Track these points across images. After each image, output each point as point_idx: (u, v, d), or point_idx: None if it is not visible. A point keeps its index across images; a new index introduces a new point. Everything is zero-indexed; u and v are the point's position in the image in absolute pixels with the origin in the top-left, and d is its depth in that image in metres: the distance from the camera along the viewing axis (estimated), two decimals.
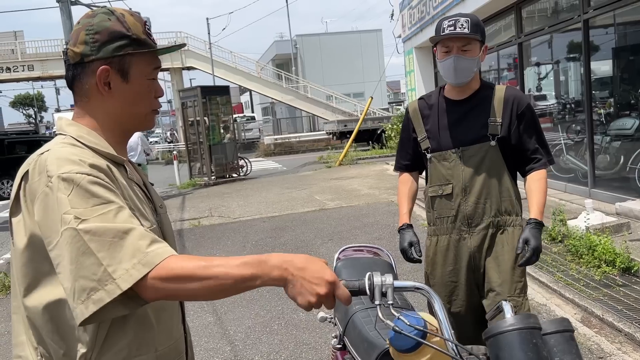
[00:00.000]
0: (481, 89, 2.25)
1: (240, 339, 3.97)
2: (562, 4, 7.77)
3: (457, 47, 2.13)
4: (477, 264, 2.22)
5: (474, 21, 2.13)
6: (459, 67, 2.13)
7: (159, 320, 1.22)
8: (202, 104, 13.53)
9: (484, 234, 2.20)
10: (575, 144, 7.79)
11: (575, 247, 4.80)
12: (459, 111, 2.24)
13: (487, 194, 2.18)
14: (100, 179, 1.10)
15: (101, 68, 1.20)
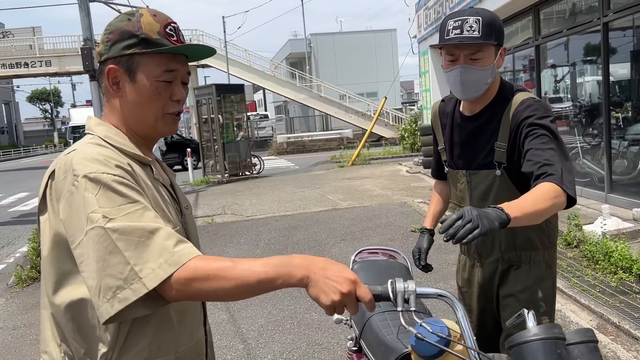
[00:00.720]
0: (496, 101, 1.82)
1: (253, 337, 3.99)
2: (580, 6, 7.69)
3: (465, 56, 1.72)
4: (489, 296, 1.97)
5: (487, 20, 1.70)
6: (467, 80, 1.73)
7: (181, 321, 1.23)
8: (216, 102, 13.60)
9: (493, 268, 1.92)
10: (591, 148, 7.71)
11: (591, 253, 4.76)
12: (469, 129, 1.88)
13: None
14: (126, 179, 1.11)
15: (109, 67, 1.21)
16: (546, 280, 1.83)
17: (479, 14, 1.70)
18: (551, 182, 1.54)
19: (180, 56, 1.26)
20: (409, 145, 18.02)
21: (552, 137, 1.66)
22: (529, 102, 1.76)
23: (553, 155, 1.61)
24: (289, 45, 39.96)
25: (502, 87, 1.84)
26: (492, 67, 1.75)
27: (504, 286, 1.88)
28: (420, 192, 9.78)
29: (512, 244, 1.86)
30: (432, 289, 1.18)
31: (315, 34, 38.36)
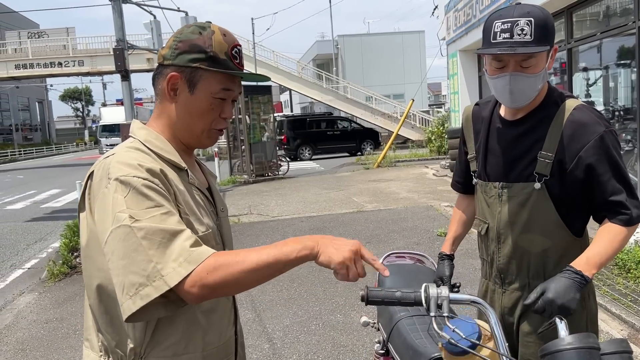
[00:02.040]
0: (543, 106, 1.64)
1: (278, 337, 4.03)
2: (614, 9, 7.53)
3: (515, 62, 1.54)
4: (508, 328, 1.72)
5: (540, 21, 1.49)
6: (517, 88, 1.56)
7: (209, 321, 1.28)
8: (244, 102, 13.73)
9: (517, 296, 1.70)
10: (625, 154, 7.54)
11: (623, 261, 4.66)
12: (510, 135, 1.68)
13: (525, 250, 1.67)
14: (155, 184, 1.16)
15: (171, 74, 1.26)
16: (579, 313, 1.60)
17: (531, 14, 1.49)
18: (618, 224, 1.56)
19: (237, 77, 1.32)
20: (435, 148, 17.89)
21: (611, 159, 1.55)
22: (581, 110, 1.60)
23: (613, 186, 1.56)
24: (316, 46, 40.05)
25: (550, 92, 1.66)
26: (544, 72, 1.58)
27: (527, 320, 1.67)
28: (447, 195, 9.70)
29: (541, 271, 1.65)
30: (465, 295, 1.19)
31: (343, 35, 38.37)
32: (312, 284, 5.20)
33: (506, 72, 1.56)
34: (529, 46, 1.49)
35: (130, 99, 11.12)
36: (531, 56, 1.52)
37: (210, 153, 23.71)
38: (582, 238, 1.66)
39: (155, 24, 12.35)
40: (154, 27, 12.27)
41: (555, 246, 1.64)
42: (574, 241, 1.64)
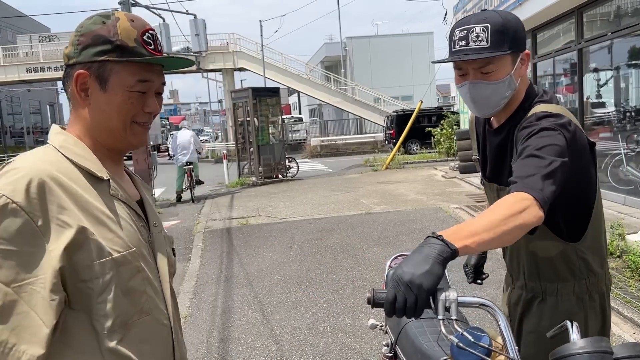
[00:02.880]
0: (516, 113, 1.60)
1: (286, 340, 4.02)
2: (626, 8, 7.46)
3: (474, 70, 1.51)
4: (512, 323, 1.73)
5: (497, 26, 1.46)
6: (479, 97, 1.53)
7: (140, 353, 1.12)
8: (252, 105, 13.76)
9: (519, 294, 1.71)
10: (636, 155, 7.46)
11: (635, 264, 4.60)
12: (494, 142, 1.68)
13: (519, 250, 1.68)
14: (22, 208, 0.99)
15: (78, 72, 1.12)
16: (577, 315, 1.58)
17: (487, 19, 1.47)
18: (514, 190, 1.31)
19: (156, 66, 1.18)
20: (444, 149, 17.80)
21: (539, 149, 1.39)
22: (540, 112, 1.50)
23: (531, 166, 1.36)
24: (324, 48, 40.09)
25: (525, 98, 1.60)
26: (509, 79, 1.52)
27: (528, 320, 1.67)
28: (456, 197, 9.65)
29: (535, 273, 1.64)
30: (474, 298, 1.17)
31: (351, 37, 38.37)
32: (321, 287, 5.18)
33: (467, 80, 1.53)
34: (484, 52, 1.46)
35: None
36: (489, 62, 1.48)
37: (219, 155, 23.78)
38: (578, 243, 1.58)
39: (164, 27, 12.42)
40: (162, 30, 12.33)
41: (543, 249, 1.60)
42: (566, 246, 1.58)
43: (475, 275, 2.04)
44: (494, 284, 4.73)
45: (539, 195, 1.27)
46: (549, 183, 1.31)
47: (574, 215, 1.58)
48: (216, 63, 28.17)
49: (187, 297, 5.15)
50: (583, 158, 1.52)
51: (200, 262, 6.43)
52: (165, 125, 47.06)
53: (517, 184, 1.32)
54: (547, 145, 1.38)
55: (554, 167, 1.34)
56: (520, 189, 1.30)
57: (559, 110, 1.51)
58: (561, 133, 1.42)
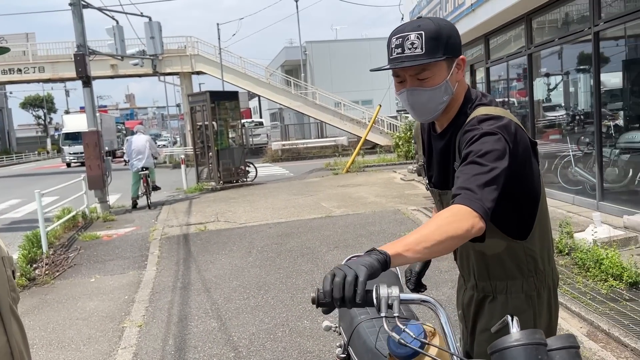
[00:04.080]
0: (456, 117, 1.63)
1: (244, 345, 3.97)
2: (572, 15, 7.76)
3: (410, 77, 1.55)
4: (467, 324, 1.79)
5: (431, 33, 1.50)
6: (417, 103, 1.58)
7: None
8: (210, 108, 13.60)
9: (471, 294, 1.75)
10: (583, 156, 7.76)
11: (582, 260, 4.77)
12: (438, 147, 1.71)
13: (468, 251, 1.72)
14: None
15: None
16: (526, 312, 1.63)
17: (421, 27, 1.51)
18: (456, 202, 1.34)
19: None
20: (403, 153, 18.07)
21: (481, 155, 1.41)
22: (480, 116, 1.53)
23: (471, 174, 1.39)
24: (284, 52, 40.06)
25: (465, 102, 1.63)
26: (446, 84, 1.55)
27: (480, 320, 1.71)
28: (414, 199, 9.80)
29: (485, 272, 1.68)
30: (415, 294, 1.19)
31: (311, 42, 38.49)
32: (280, 291, 5.15)
33: (405, 87, 1.56)
34: (418, 59, 1.49)
35: (92, 106, 10.87)
36: (424, 69, 1.52)
37: (177, 160, 23.39)
38: (525, 240, 1.62)
39: (118, 29, 12.14)
40: (116, 32, 12.05)
41: (491, 248, 1.63)
42: (513, 243, 1.62)
43: (416, 283, 2.05)
44: (450, 283, 4.81)
45: (481, 209, 1.31)
46: (490, 191, 1.35)
47: (520, 214, 1.61)
48: (173, 66, 27.74)
49: (143, 306, 5.02)
50: (526, 158, 1.55)
51: (156, 269, 6.30)
52: (121, 130, 46.00)
53: (459, 196, 1.35)
54: (489, 152, 1.41)
55: (494, 174, 1.37)
56: (461, 201, 1.33)
57: (499, 112, 1.54)
58: (502, 136, 1.45)
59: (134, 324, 4.57)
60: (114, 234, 8.67)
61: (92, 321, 4.78)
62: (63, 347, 4.25)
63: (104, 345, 4.24)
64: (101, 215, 10.26)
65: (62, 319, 4.87)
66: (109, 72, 27.44)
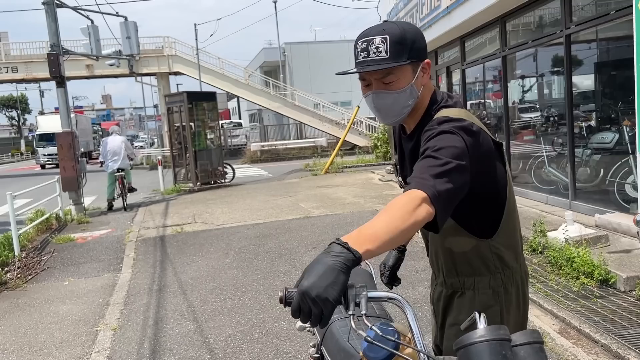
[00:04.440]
0: (423, 119, 1.65)
1: (220, 347, 3.94)
2: (545, 18, 7.90)
3: (376, 80, 1.56)
4: (437, 319, 1.83)
5: (396, 37, 1.51)
6: (382, 106, 1.59)
7: None
8: (188, 109, 13.48)
9: (440, 290, 1.78)
10: (557, 156, 7.90)
11: (555, 259, 4.86)
12: (407, 149, 1.74)
13: (437, 249, 1.75)
14: None
15: None
16: (493, 307, 1.65)
17: (386, 31, 1.52)
18: (413, 188, 1.33)
19: None
20: (381, 153, 18.17)
21: (436, 150, 1.42)
22: (441, 117, 1.55)
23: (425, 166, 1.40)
24: (263, 53, 39.95)
25: (430, 104, 1.65)
26: (411, 87, 1.57)
27: (449, 315, 1.74)
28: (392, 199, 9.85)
29: (453, 269, 1.71)
30: (383, 292, 1.19)
31: (290, 43, 38.45)
32: (257, 292, 5.13)
33: (371, 90, 1.58)
34: (383, 63, 1.50)
35: (66, 107, 10.68)
36: (389, 72, 1.53)
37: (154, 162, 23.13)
38: (492, 239, 1.63)
39: (93, 29, 11.96)
40: (91, 32, 11.87)
41: (458, 245, 1.65)
42: (479, 242, 1.63)
43: (390, 277, 2.07)
44: (426, 282, 4.85)
45: (430, 191, 1.31)
46: (442, 181, 1.34)
47: (484, 214, 1.63)
48: (150, 67, 27.43)
49: (117, 309, 4.95)
50: (489, 159, 1.56)
51: (131, 272, 6.21)
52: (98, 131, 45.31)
53: (412, 183, 1.36)
54: (444, 147, 1.42)
55: (448, 167, 1.37)
56: (412, 187, 1.33)
57: (461, 114, 1.55)
58: (460, 136, 1.46)
59: (108, 327, 4.50)
60: (89, 236, 8.53)
61: (65, 325, 4.70)
62: (34, 351, 4.17)
63: (77, 349, 4.17)
64: (76, 218, 10.09)
65: (34, 323, 4.77)
66: (85, 72, 27.02)
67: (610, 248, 5.18)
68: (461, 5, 8.86)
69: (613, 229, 5.68)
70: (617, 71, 6.75)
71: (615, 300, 4.07)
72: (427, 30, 10.58)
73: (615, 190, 6.45)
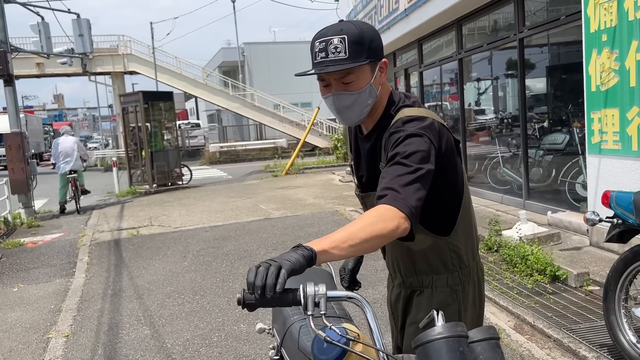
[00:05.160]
0: (381, 119, 1.65)
1: (178, 352, 3.85)
2: (500, 22, 8.12)
3: (335, 81, 1.55)
4: (396, 321, 1.83)
5: (354, 37, 1.50)
6: (342, 106, 1.58)
7: None
8: (144, 109, 13.18)
9: (398, 292, 1.79)
10: (511, 157, 8.13)
11: (510, 257, 4.98)
12: (364, 149, 1.73)
13: (395, 249, 1.76)
14: None
15: None
16: (451, 305, 1.68)
17: (344, 30, 1.50)
18: (384, 203, 1.35)
19: None
20: (342, 154, 18.25)
21: (406, 156, 1.43)
22: (404, 117, 1.56)
23: (396, 175, 1.40)
24: (221, 53, 39.51)
25: (389, 104, 1.65)
26: (370, 87, 1.57)
27: (409, 314, 1.74)
28: (352, 200, 9.90)
29: (411, 268, 1.72)
30: (342, 292, 1.19)
31: (249, 43, 38.18)
32: (216, 295, 5.05)
33: (330, 91, 1.57)
34: (343, 63, 1.49)
35: (14, 106, 10.25)
36: (349, 73, 1.52)
37: (109, 163, 22.51)
38: (449, 237, 1.66)
39: (44, 26, 11.52)
40: (42, 29, 11.43)
41: (417, 243, 1.64)
42: (437, 239, 1.65)
43: (350, 280, 2.08)
44: (386, 282, 4.89)
45: (406, 209, 1.33)
46: (414, 191, 1.37)
47: (443, 211, 1.65)
48: (105, 66, 26.68)
49: (70, 315, 4.78)
50: (450, 155, 1.59)
51: (85, 276, 6.01)
52: (49, 132, 43.75)
53: (387, 197, 1.36)
54: (414, 153, 1.43)
55: (419, 174, 1.40)
56: (389, 202, 1.34)
57: (422, 113, 1.57)
58: (426, 137, 1.48)
59: (60, 334, 4.33)
60: (40, 240, 8.21)
61: (14, 333, 4.49)
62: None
63: (27, 357, 3.99)
64: (26, 221, 9.70)
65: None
66: (35, 70, 26.03)
67: (562, 246, 5.36)
68: (418, 8, 9.00)
69: (564, 227, 5.88)
70: (567, 75, 7.00)
71: (567, 296, 4.20)
72: (386, 33, 10.70)
73: (567, 189, 6.69)
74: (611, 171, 4.94)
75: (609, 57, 4.82)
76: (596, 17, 4.97)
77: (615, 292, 3.09)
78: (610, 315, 3.11)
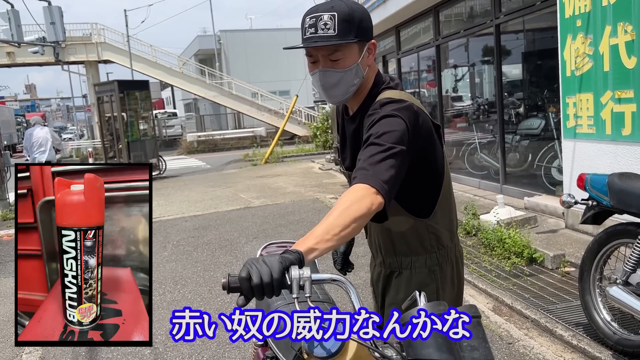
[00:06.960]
0: (366, 100, 1.66)
1: (160, 342, 3.84)
2: (476, 9, 8.17)
3: (323, 58, 1.56)
4: (377, 300, 1.87)
5: (344, 15, 1.51)
6: (328, 84, 1.59)
7: None
8: (119, 99, 12.98)
9: (379, 271, 1.83)
10: (488, 143, 8.23)
11: (488, 240, 5.07)
12: (350, 130, 1.74)
13: (376, 229, 1.79)
14: None
15: None
16: (429, 286, 1.71)
17: (334, 8, 1.52)
18: (356, 182, 1.37)
19: None
20: (321, 143, 18.26)
21: (379, 136, 1.44)
22: (384, 99, 1.57)
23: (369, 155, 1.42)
24: (197, 41, 38.97)
25: (374, 85, 1.66)
26: (357, 67, 1.57)
27: (388, 294, 1.78)
28: (332, 188, 9.94)
29: (391, 249, 1.75)
30: (326, 275, 1.20)
31: (225, 31, 37.70)
32: (197, 285, 5.04)
33: (318, 68, 1.58)
34: (331, 40, 1.51)
35: None
36: (337, 49, 1.53)
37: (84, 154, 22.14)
38: (428, 219, 1.68)
39: (14, 13, 11.23)
40: (11, 17, 11.14)
41: (396, 225, 1.67)
42: (417, 221, 1.67)
43: (343, 263, 2.13)
44: (367, 267, 4.93)
45: (377, 184, 1.35)
46: (385, 167, 1.39)
47: (423, 193, 1.67)
48: (78, 55, 26.11)
49: None
50: (429, 139, 1.60)
51: None
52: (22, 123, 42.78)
53: (357, 177, 1.39)
54: (387, 132, 1.44)
55: (391, 153, 1.41)
56: (360, 180, 1.37)
57: (402, 96, 1.58)
58: (401, 118, 1.49)
59: None
60: None
61: None
62: None
63: (7, 351, 3.94)
64: (0, 214, 9.51)
65: None
66: (5, 60, 25.36)
67: (538, 229, 5.47)
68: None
69: (541, 211, 6.00)
70: (542, 61, 7.10)
71: (544, 277, 4.30)
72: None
73: (543, 174, 6.81)
74: (586, 154, 5.05)
75: (583, 42, 4.89)
76: (571, 2, 5.03)
77: (590, 273, 3.17)
78: (586, 295, 3.19)
